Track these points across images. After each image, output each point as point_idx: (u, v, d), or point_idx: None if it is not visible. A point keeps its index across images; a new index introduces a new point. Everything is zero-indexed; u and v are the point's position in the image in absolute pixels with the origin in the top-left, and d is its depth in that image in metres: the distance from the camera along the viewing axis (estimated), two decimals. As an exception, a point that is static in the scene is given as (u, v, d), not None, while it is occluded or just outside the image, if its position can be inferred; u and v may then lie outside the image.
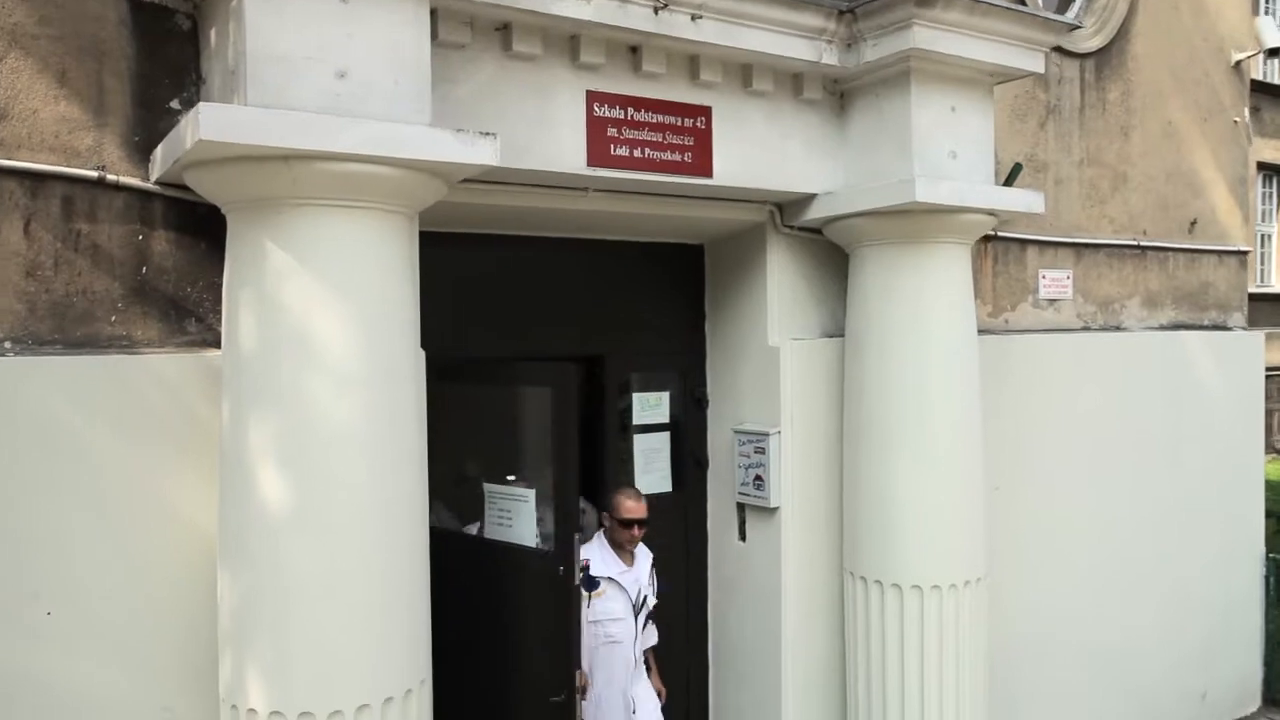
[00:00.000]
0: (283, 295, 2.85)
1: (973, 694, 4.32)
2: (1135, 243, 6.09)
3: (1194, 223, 6.45)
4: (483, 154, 2.97)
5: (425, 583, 3.15)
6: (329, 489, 2.86)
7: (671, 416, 4.95)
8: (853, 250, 4.46)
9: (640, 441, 4.82)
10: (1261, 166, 18.20)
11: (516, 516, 3.68)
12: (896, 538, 4.26)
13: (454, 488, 3.93)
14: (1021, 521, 5.38)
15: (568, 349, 4.50)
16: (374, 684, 2.89)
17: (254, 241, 2.89)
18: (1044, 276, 5.67)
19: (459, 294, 4.24)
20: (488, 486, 3.81)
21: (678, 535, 4.94)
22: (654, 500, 4.84)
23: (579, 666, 3.65)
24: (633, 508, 4.14)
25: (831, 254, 4.69)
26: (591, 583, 4.01)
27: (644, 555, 4.34)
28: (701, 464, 4.98)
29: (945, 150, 4.19)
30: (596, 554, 4.14)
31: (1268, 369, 19.09)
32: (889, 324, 4.29)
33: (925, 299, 4.26)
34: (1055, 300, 5.73)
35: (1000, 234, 5.43)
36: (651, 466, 4.84)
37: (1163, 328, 6.26)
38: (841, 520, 4.55)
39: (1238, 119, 6.71)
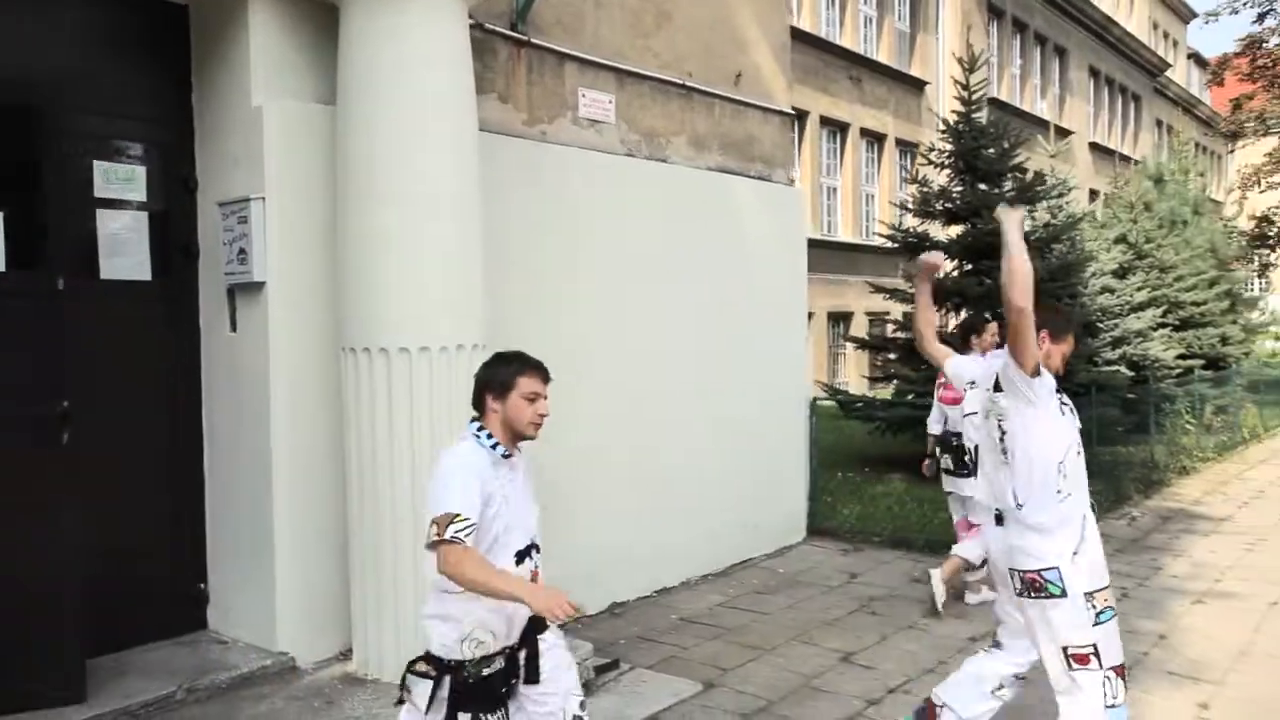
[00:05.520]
0: None
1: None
2: (681, 82, 6.31)
3: (739, 75, 6.82)
4: None
5: None
6: None
7: (156, 201, 4.33)
8: (341, 2, 4.12)
9: (107, 218, 4.17)
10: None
11: None
12: (381, 300, 3.97)
13: None
14: (566, 336, 5.31)
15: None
16: None
17: None
18: (584, 95, 5.68)
19: None
20: None
21: (163, 330, 4.35)
22: (128, 288, 4.25)
23: None
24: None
25: (330, 22, 4.31)
26: None
27: None
28: (191, 253, 4.43)
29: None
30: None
31: (832, 313, 20.89)
32: (375, 75, 3.99)
33: (412, 48, 4.00)
34: (597, 122, 5.76)
35: (534, 42, 5.36)
36: (122, 249, 4.20)
37: (710, 170, 6.54)
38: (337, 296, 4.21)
39: (778, -14, 7.20)
